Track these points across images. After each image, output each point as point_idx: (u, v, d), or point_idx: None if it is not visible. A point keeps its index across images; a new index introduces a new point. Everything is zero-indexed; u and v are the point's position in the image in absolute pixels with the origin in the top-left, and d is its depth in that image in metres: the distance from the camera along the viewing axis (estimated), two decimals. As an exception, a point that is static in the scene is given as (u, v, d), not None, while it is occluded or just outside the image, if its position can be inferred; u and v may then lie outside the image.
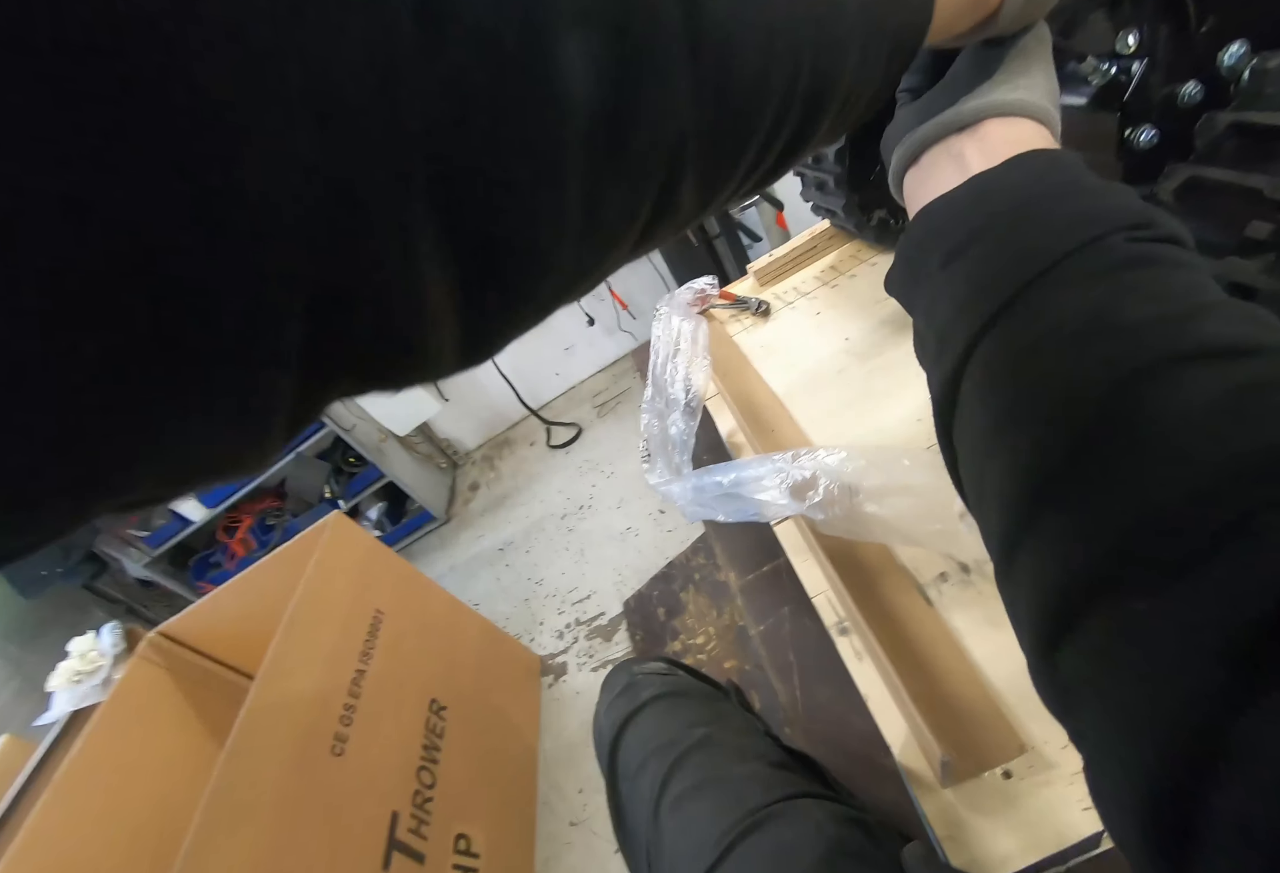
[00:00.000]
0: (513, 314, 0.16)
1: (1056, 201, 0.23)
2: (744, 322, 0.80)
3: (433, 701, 1.08)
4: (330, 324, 0.12)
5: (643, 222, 0.17)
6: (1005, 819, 0.30)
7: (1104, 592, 0.16)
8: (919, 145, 0.29)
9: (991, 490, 0.20)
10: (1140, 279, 0.20)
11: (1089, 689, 0.16)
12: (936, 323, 0.24)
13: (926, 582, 0.41)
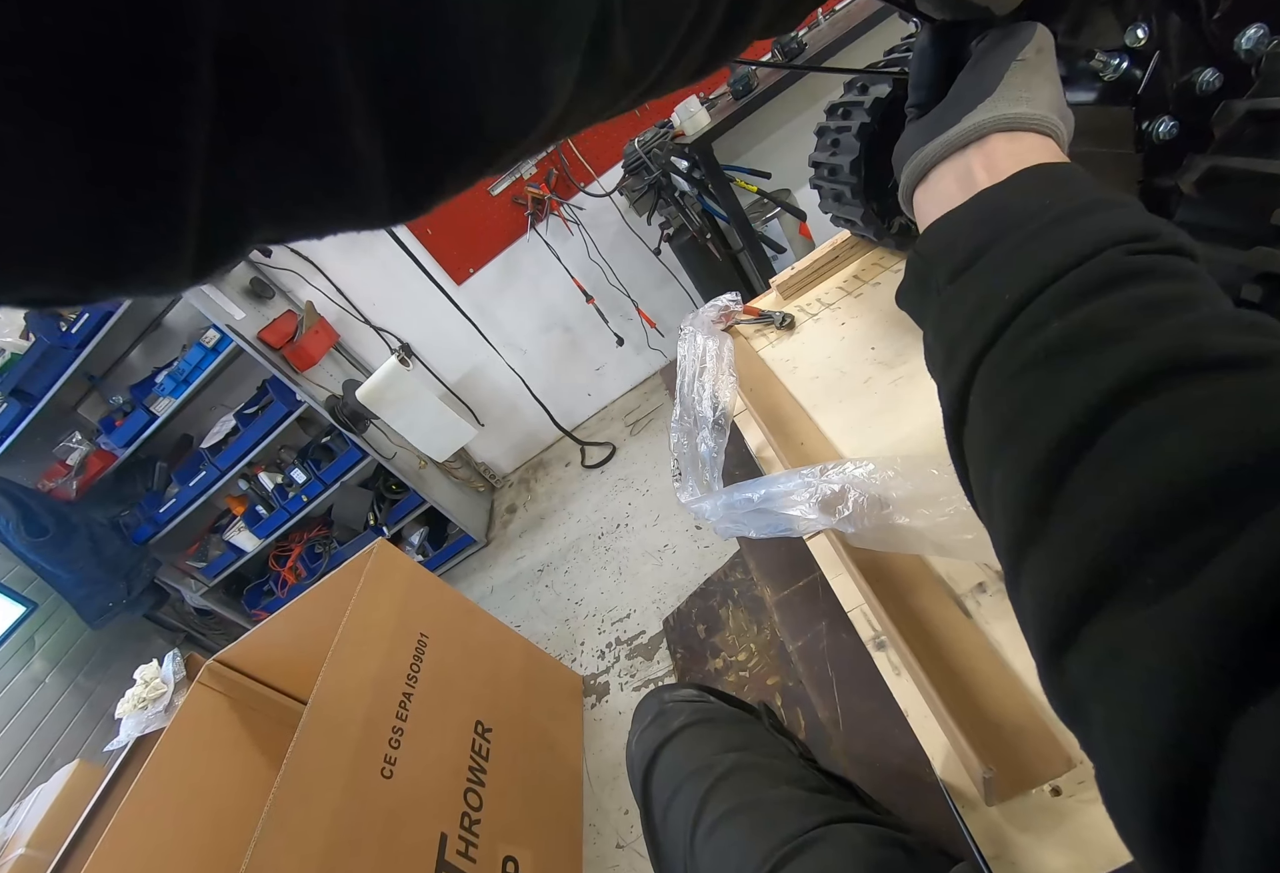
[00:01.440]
0: (442, 161, 0.15)
1: (1057, 217, 0.23)
2: (769, 336, 0.80)
3: (478, 722, 1.09)
4: (242, 91, 0.11)
5: (575, 73, 0.16)
6: (1055, 837, 0.29)
7: (1103, 600, 0.16)
8: (926, 163, 0.30)
9: (998, 503, 0.21)
10: (1136, 293, 0.20)
11: (1094, 696, 0.16)
12: (945, 337, 0.25)
13: (964, 592, 0.40)
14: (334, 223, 0.15)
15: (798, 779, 0.43)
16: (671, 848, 0.47)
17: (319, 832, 0.78)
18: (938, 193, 0.29)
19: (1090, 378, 0.19)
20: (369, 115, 0.12)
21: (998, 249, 0.24)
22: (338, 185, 0.13)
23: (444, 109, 0.14)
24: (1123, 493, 0.17)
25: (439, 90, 0.13)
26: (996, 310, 0.22)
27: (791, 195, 1.87)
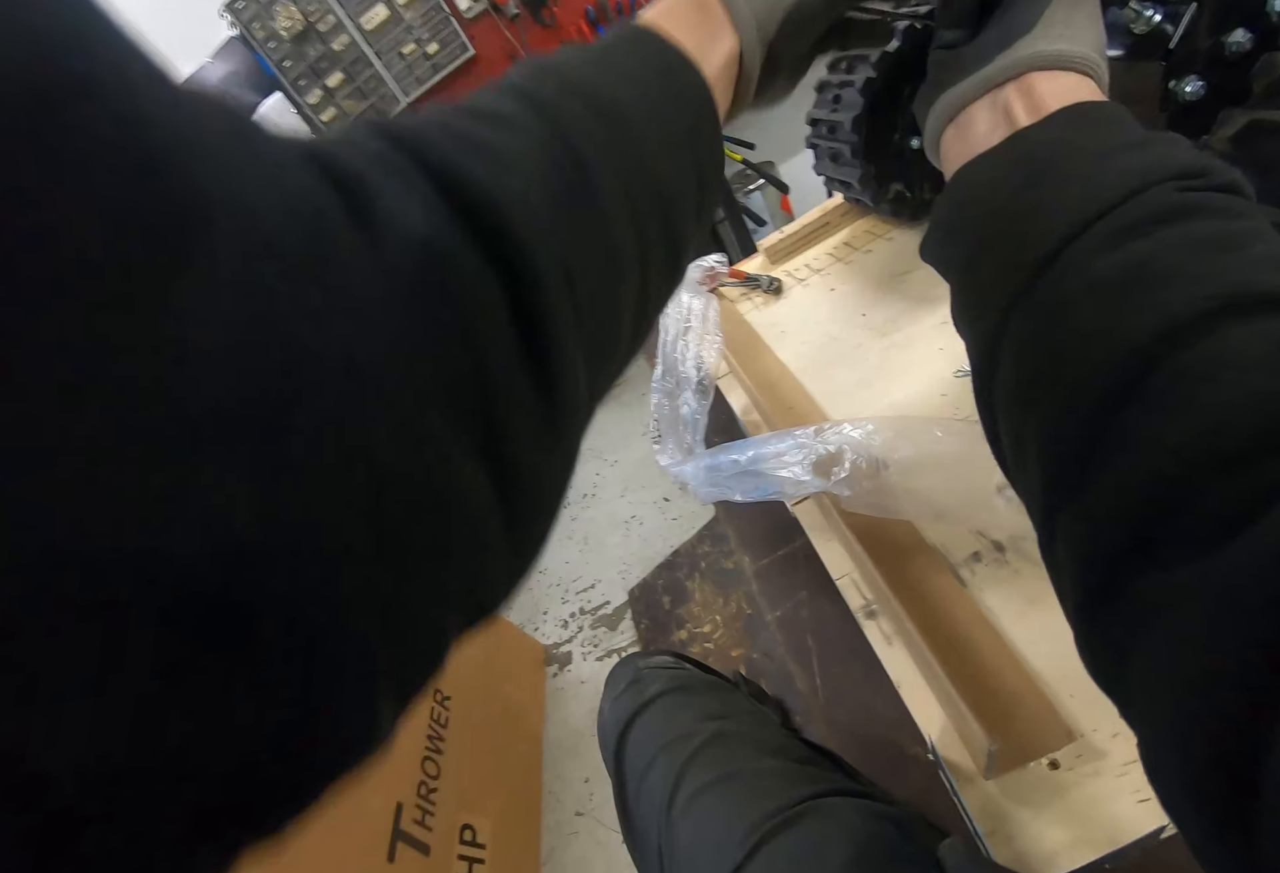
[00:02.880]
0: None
1: (1102, 154, 0.21)
2: (755, 300, 0.78)
3: (436, 690, 1.06)
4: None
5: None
6: (1053, 812, 0.28)
7: (1145, 557, 0.15)
8: (958, 103, 0.27)
9: (1031, 456, 0.20)
10: (1187, 230, 0.18)
11: (1139, 649, 0.15)
12: (976, 284, 0.23)
13: (959, 562, 0.38)
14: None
15: (781, 750, 0.41)
16: (645, 820, 0.45)
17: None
18: (970, 134, 0.26)
19: (1138, 318, 0.17)
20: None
21: (1036, 190, 0.22)
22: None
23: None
24: (1172, 439, 0.15)
25: None
26: (1035, 249, 0.21)
27: (775, 168, 1.83)
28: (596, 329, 0.17)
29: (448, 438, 0.12)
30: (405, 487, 0.11)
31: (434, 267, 0.12)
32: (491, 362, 0.13)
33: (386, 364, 0.11)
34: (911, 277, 0.65)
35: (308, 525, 0.10)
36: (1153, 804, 0.27)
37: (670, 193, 0.21)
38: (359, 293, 0.11)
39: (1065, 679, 0.31)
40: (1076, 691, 0.31)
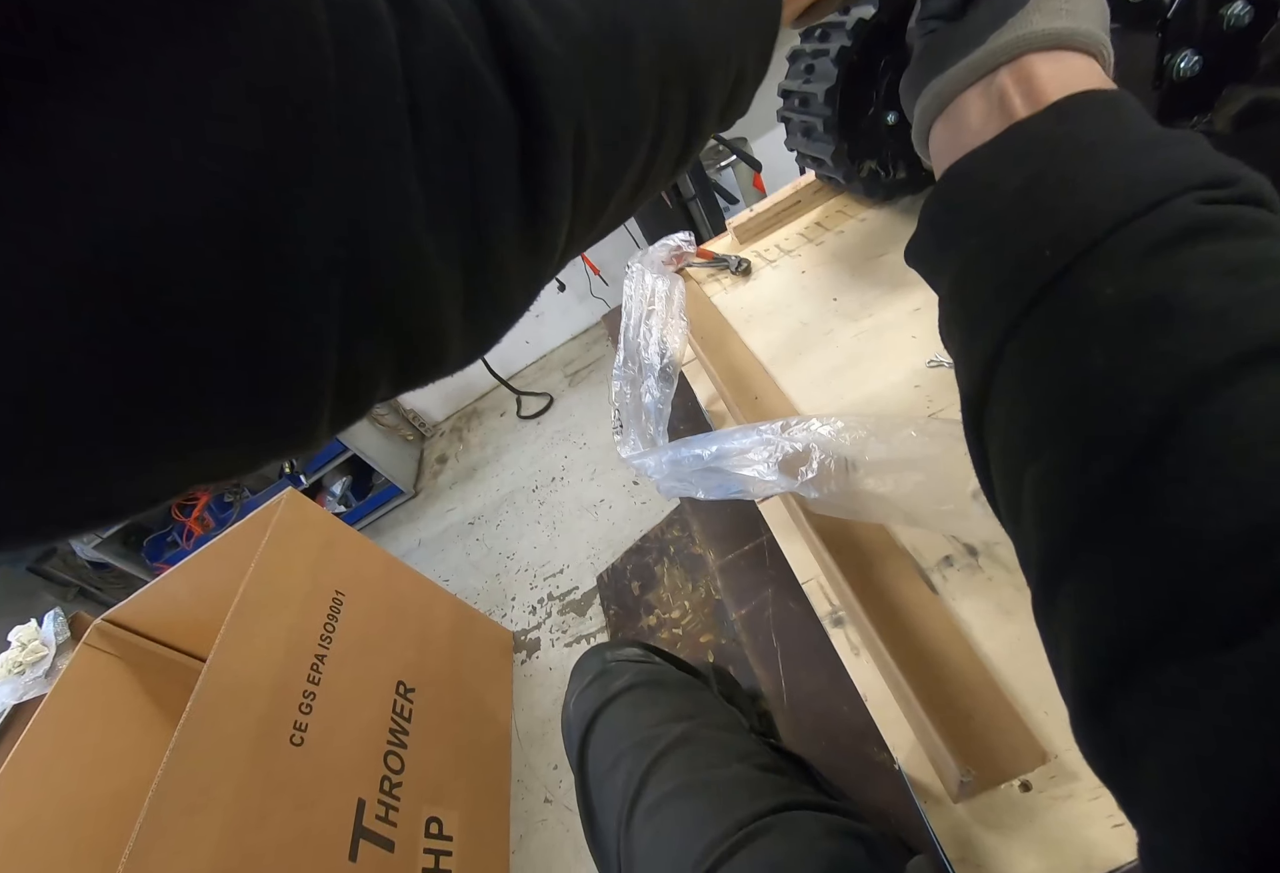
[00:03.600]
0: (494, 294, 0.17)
1: (1114, 155, 0.19)
2: (723, 281, 0.75)
3: (400, 683, 1.04)
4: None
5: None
6: (1024, 838, 0.27)
7: (1161, 648, 0.14)
8: (949, 91, 0.24)
9: (1030, 508, 0.17)
10: (1214, 252, 0.16)
11: (1154, 742, 0.14)
12: (968, 302, 0.21)
13: (929, 566, 0.37)
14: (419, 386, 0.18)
15: (748, 756, 0.40)
16: (606, 821, 0.44)
17: (219, 806, 0.72)
18: (963, 126, 0.24)
19: (1158, 362, 0.15)
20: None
21: (1036, 196, 0.19)
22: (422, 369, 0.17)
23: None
24: (1206, 507, 0.13)
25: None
26: (1035, 270, 0.18)
27: (748, 144, 1.79)
28: (597, 182, 0.18)
29: (433, 230, 0.14)
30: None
31: (460, 81, 0.13)
32: (489, 180, 0.14)
33: (396, 139, 0.13)
34: (884, 260, 0.62)
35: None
36: (1128, 830, 0.26)
37: (704, 75, 0.21)
38: (390, 73, 0.12)
39: (1039, 696, 0.30)
40: (1051, 708, 0.29)
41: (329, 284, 0.12)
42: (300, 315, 0.12)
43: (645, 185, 0.22)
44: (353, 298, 0.12)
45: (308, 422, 0.13)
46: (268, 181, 0.11)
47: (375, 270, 0.13)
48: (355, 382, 0.14)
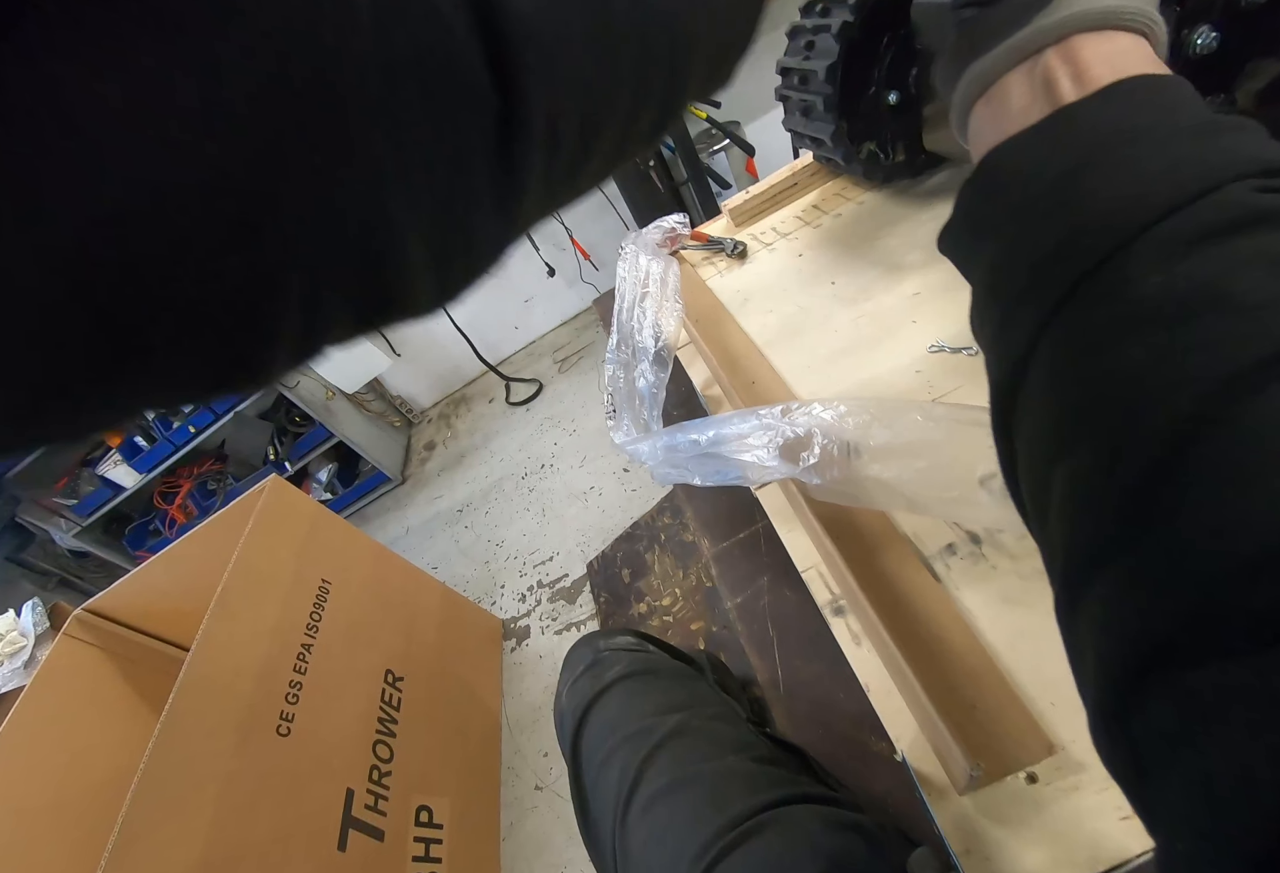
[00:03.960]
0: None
1: (1162, 141, 0.17)
2: (718, 265, 0.73)
3: (388, 672, 1.03)
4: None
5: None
6: (1031, 831, 0.26)
7: (1190, 655, 0.13)
8: (990, 74, 0.23)
9: (1056, 509, 0.17)
10: (1267, 244, 0.15)
11: (1172, 765, 0.13)
12: (1002, 289, 0.20)
13: (932, 554, 0.36)
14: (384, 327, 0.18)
15: (745, 747, 0.39)
16: (601, 813, 0.43)
17: (205, 798, 0.71)
18: (1005, 111, 0.22)
19: (1204, 355, 0.14)
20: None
21: (1079, 182, 0.18)
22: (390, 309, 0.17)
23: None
24: (1236, 514, 0.13)
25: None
26: (1077, 257, 0.17)
27: (741, 128, 1.76)
28: (572, 142, 0.18)
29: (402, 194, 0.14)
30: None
31: (442, 59, 0.14)
32: (463, 154, 0.15)
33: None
34: (884, 243, 0.61)
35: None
36: (1136, 823, 0.25)
37: (687, 48, 0.20)
38: (363, 45, 0.12)
39: (1044, 686, 0.29)
40: (1057, 698, 0.29)
41: (301, 245, 0.13)
42: (274, 273, 0.12)
43: (618, 155, 0.22)
44: (321, 257, 0.13)
45: (267, 364, 0.14)
46: (250, 150, 0.11)
47: (344, 233, 0.13)
48: (314, 328, 0.15)
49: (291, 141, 0.12)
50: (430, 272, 0.16)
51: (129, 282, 0.11)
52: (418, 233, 0.15)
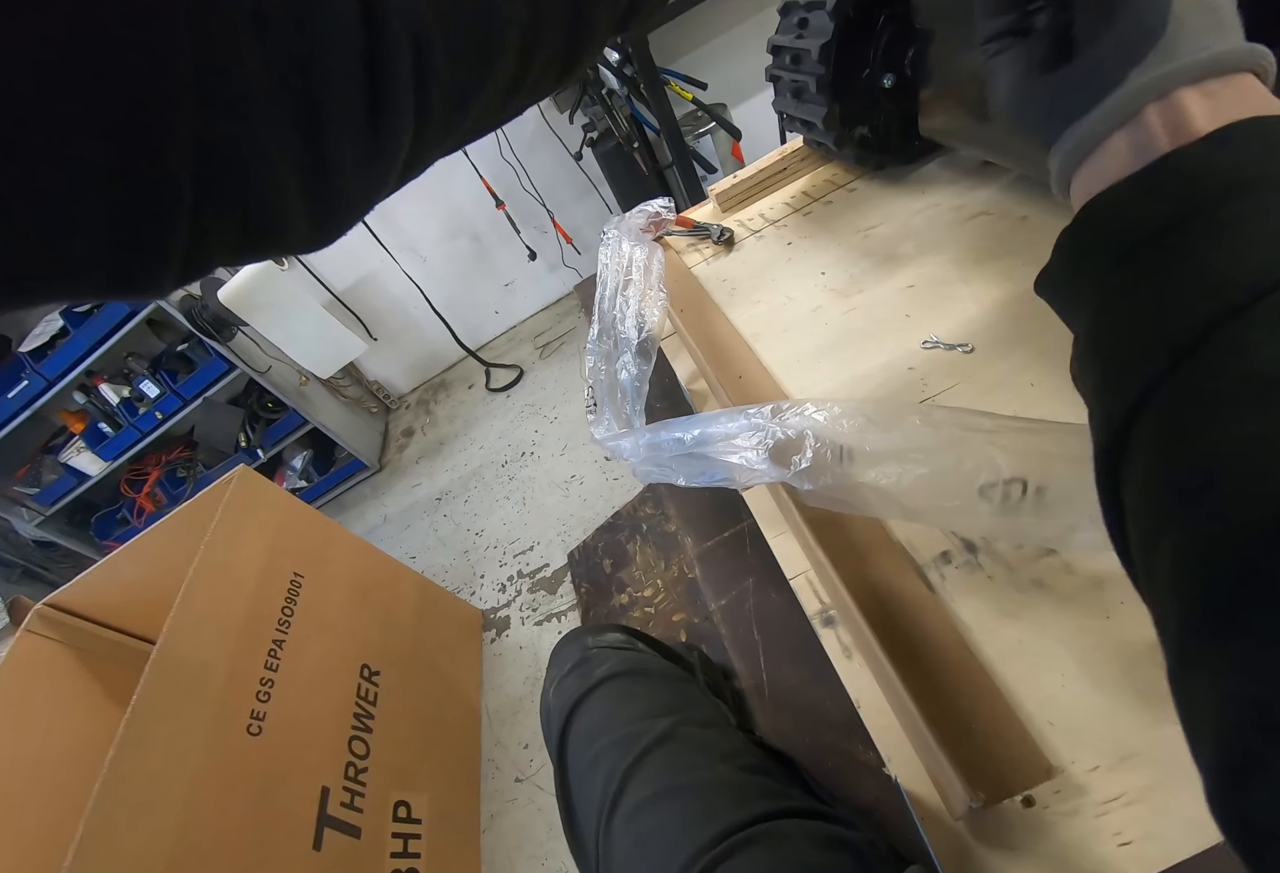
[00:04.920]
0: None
1: (1272, 195, 0.17)
2: (704, 252, 0.71)
3: (364, 666, 1.01)
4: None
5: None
6: (1027, 857, 0.25)
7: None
8: (1091, 140, 0.22)
9: (1165, 576, 0.16)
10: None
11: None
12: (1106, 349, 0.19)
13: (926, 562, 0.35)
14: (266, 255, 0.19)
15: (733, 756, 0.38)
16: (585, 817, 0.42)
17: (172, 800, 0.69)
18: (1109, 170, 0.21)
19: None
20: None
21: (1189, 234, 0.17)
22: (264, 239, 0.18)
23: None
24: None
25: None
26: (1189, 315, 0.16)
27: (727, 111, 1.72)
28: (446, 86, 0.19)
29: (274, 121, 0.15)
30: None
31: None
32: (329, 89, 0.16)
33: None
34: (876, 232, 0.59)
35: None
36: (1136, 848, 0.24)
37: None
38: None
39: (1042, 704, 0.28)
40: (1055, 717, 0.28)
41: (182, 171, 0.14)
42: (161, 195, 0.14)
43: (521, 93, 0.22)
44: (202, 182, 0.15)
45: (158, 272, 0.16)
46: (137, 80, 0.13)
47: (221, 161, 0.15)
48: (202, 245, 0.16)
49: (165, 73, 0.13)
50: (302, 208, 0.17)
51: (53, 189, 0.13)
52: (287, 169, 0.16)
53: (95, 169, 0.13)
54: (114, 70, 0.12)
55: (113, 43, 0.12)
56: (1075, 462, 0.27)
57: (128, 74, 0.13)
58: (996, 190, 0.55)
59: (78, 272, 0.15)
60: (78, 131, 0.13)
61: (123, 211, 0.14)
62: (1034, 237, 0.49)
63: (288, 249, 0.19)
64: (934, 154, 0.64)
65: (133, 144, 0.13)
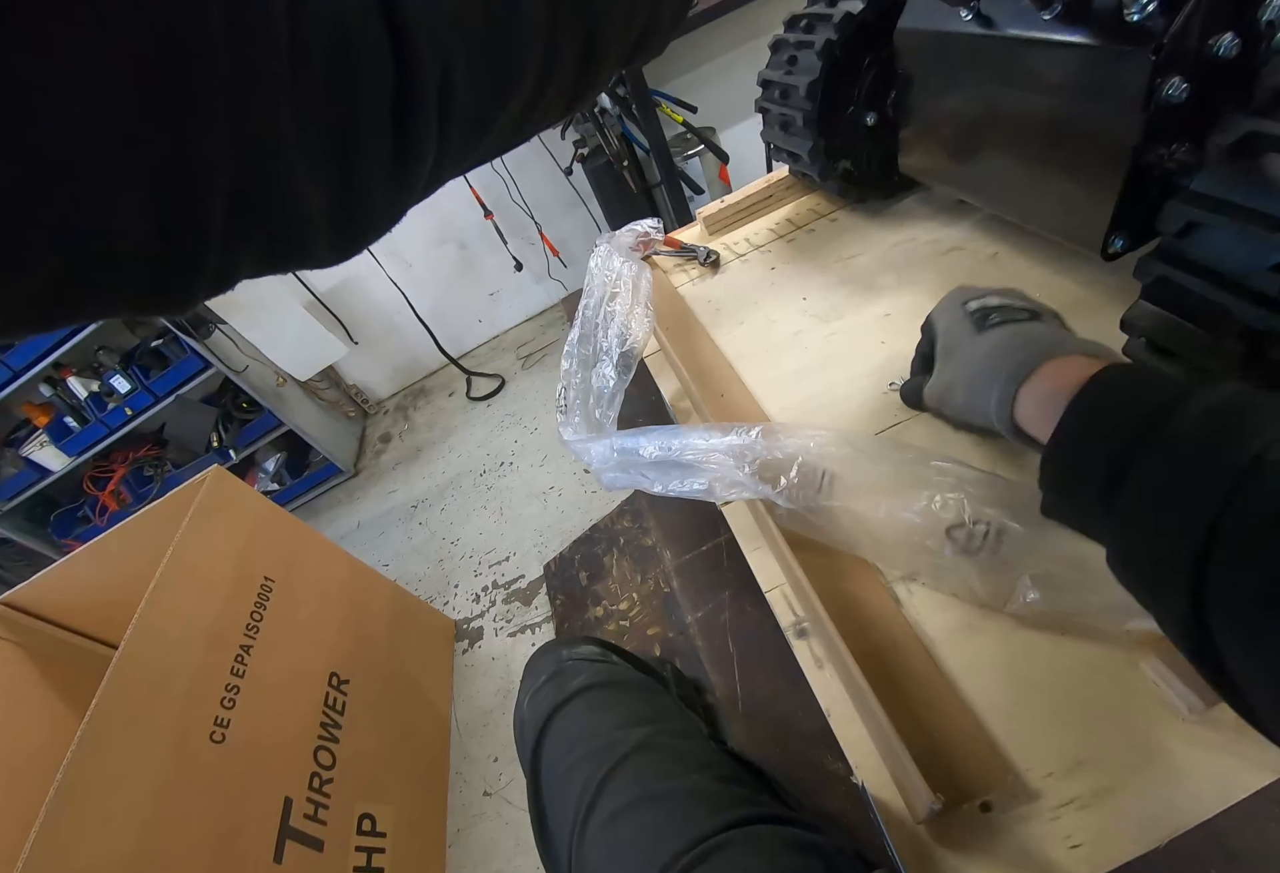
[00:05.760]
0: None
1: (1185, 416, 0.22)
2: (690, 272, 0.73)
3: (333, 674, 0.99)
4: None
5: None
6: (985, 859, 0.27)
7: None
8: (1008, 392, 0.30)
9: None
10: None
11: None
12: (1133, 559, 0.24)
13: (894, 579, 0.36)
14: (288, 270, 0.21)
15: (707, 766, 0.39)
16: (558, 829, 0.42)
17: (129, 808, 0.67)
18: (1040, 406, 0.29)
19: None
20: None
21: (1141, 462, 0.23)
22: (290, 257, 0.19)
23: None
24: None
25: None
26: (1187, 539, 0.21)
27: (716, 135, 1.76)
28: (468, 116, 0.20)
29: (309, 157, 0.17)
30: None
31: (343, 30, 0.16)
32: (361, 116, 0.17)
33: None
34: (855, 262, 0.62)
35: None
36: (1085, 850, 0.26)
37: (603, 23, 0.22)
38: (274, 22, 0.15)
39: (1000, 714, 0.30)
40: (1013, 726, 0.29)
41: (217, 196, 0.15)
42: (194, 222, 0.15)
43: (532, 120, 0.24)
44: (236, 209, 0.16)
45: (192, 290, 0.17)
46: (169, 109, 0.14)
47: (255, 190, 0.16)
48: (233, 263, 0.17)
49: (197, 102, 0.14)
50: (328, 227, 0.18)
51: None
52: (317, 192, 0.17)
53: (139, 206, 0.14)
54: (156, 112, 0.14)
55: (153, 81, 0.13)
56: (1033, 519, 0.29)
57: (169, 114, 0.14)
58: (969, 227, 0.59)
59: (119, 291, 0.16)
60: (126, 175, 0.14)
61: (164, 240, 0.15)
62: (1003, 273, 0.52)
63: (309, 265, 0.20)
64: (912, 190, 0.67)
65: (173, 178, 0.14)
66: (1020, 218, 0.49)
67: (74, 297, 0.15)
